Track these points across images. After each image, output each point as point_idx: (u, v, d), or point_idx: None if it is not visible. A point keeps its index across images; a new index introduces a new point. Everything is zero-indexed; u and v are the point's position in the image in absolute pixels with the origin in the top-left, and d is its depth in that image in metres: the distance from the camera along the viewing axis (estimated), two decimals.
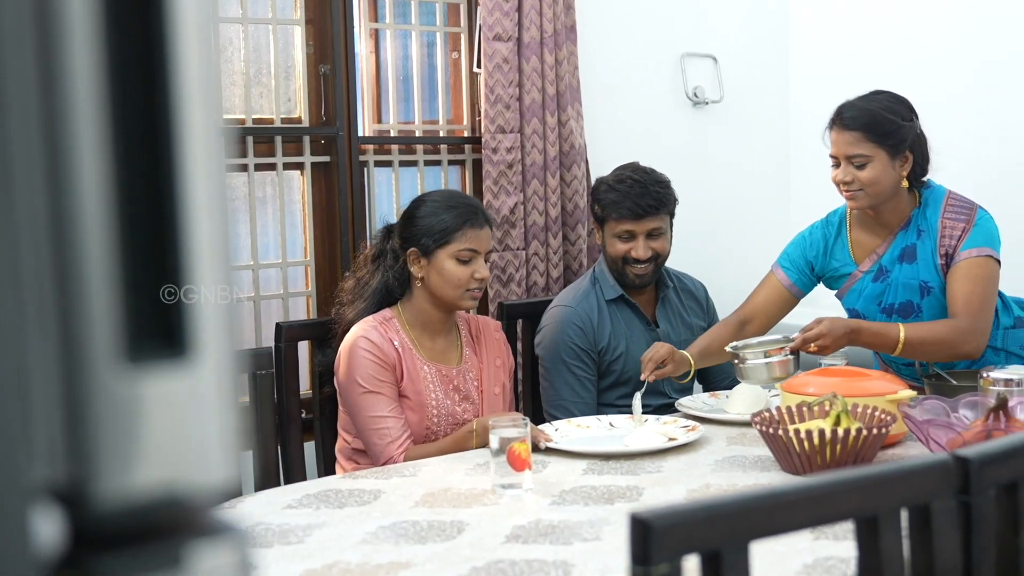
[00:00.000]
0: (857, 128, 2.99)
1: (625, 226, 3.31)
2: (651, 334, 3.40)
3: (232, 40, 3.62)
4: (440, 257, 2.89)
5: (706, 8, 4.56)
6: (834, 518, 1.34)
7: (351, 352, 2.85)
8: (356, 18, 3.83)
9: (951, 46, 4.17)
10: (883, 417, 2.44)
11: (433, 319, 2.97)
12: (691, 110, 4.55)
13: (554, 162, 3.97)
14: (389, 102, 4.01)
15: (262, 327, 3.66)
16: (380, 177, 3.94)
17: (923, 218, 3.07)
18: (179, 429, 0.53)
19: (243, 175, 3.64)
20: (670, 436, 2.71)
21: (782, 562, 1.83)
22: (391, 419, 2.81)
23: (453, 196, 3.02)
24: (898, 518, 1.38)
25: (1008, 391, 2.62)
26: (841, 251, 3.21)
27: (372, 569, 1.88)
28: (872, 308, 3.13)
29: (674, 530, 1.17)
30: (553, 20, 3.93)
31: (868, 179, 2.99)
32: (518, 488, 2.33)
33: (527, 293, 3.96)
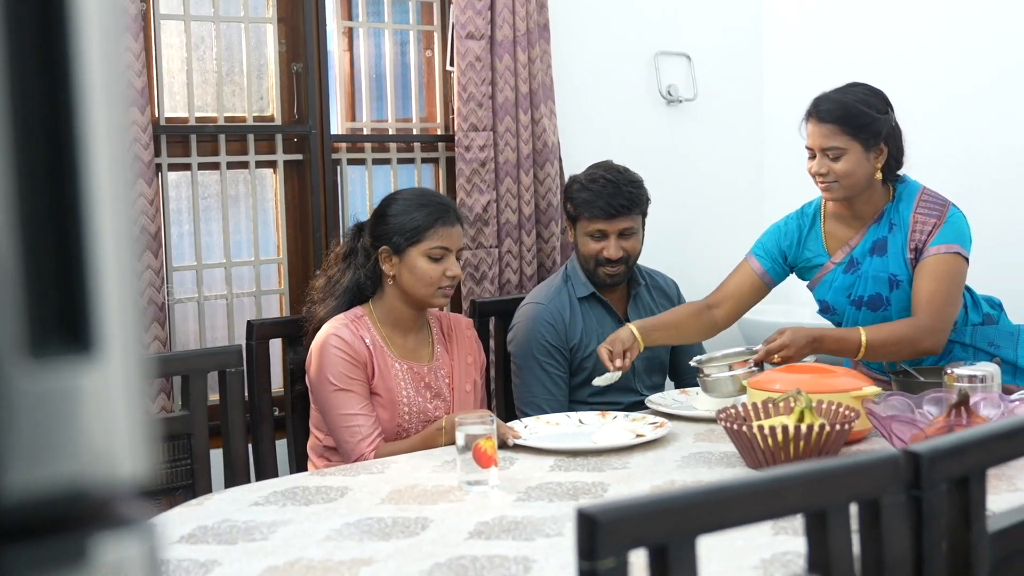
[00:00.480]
0: (832, 121, 3.01)
1: (597, 225, 3.32)
2: None
3: (204, 38, 3.63)
4: (412, 255, 2.90)
5: (680, 7, 4.58)
6: (782, 512, 1.35)
7: (322, 350, 2.86)
8: (329, 16, 3.83)
9: (925, 43, 4.19)
10: (847, 413, 2.46)
11: (404, 317, 2.98)
12: (665, 108, 4.56)
13: (527, 160, 3.98)
14: (362, 100, 4.02)
15: (235, 325, 3.66)
16: (353, 175, 3.95)
17: (896, 212, 3.09)
18: (85, 423, 0.53)
19: (215, 173, 3.65)
20: (638, 433, 2.72)
21: (740, 556, 1.84)
22: (362, 416, 2.82)
23: (424, 194, 3.03)
24: (847, 513, 1.39)
25: (972, 387, 2.65)
26: (815, 242, 3.23)
27: (334, 566, 1.88)
28: (842, 300, 3.15)
29: (620, 525, 1.19)
30: (526, 19, 3.94)
31: (843, 171, 3.01)
32: (484, 485, 2.34)
33: (500, 291, 3.97)
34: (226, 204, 3.65)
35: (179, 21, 3.56)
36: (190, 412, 2.78)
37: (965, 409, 2.38)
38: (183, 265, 3.61)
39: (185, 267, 3.61)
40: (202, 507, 2.28)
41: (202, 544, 2.03)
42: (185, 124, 3.58)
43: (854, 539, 1.43)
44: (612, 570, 1.18)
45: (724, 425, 2.45)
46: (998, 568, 1.64)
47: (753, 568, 1.80)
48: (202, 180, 3.64)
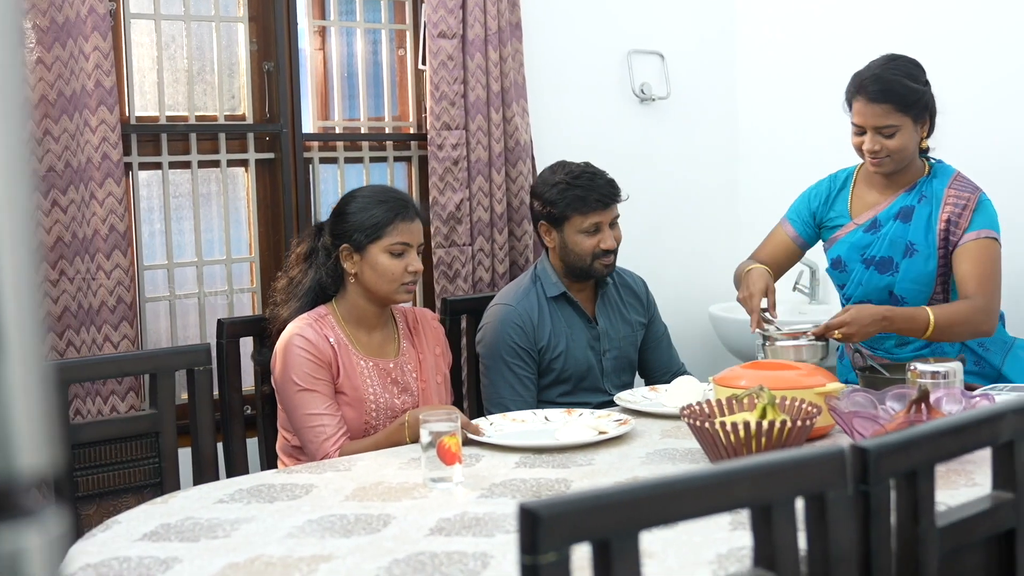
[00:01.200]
0: (886, 101, 3.07)
1: (594, 219, 3.35)
2: (591, 331, 3.44)
3: (175, 37, 3.63)
4: (372, 252, 2.91)
5: (652, 5, 4.60)
6: (727, 507, 1.37)
7: (286, 350, 2.87)
8: (301, 15, 3.84)
9: (896, 41, 4.21)
10: (809, 409, 2.47)
11: (368, 314, 2.99)
12: (638, 107, 4.58)
13: (499, 158, 4.00)
14: (335, 99, 4.03)
15: (207, 324, 3.67)
16: (326, 174, 3.96)
17: (928, 186, 3.18)
18: None
19: (186, 172, 3.65)
20: (600, 430, 2.73)
21: (697, 552, 1.86)
22: (326, 416, 2.84)
23: (383, 191, 3.03)
24: (792, 507, 1.41)
25: (935, 384, 2.67)
26: (841, 204, 3.31)
27: (294, 562, 1.89)
28: (854, 257, 3.23)
29: (561, 519, 1.20)
30: (497, 17, 3.95)
31: (896, 147, 3.09)
32: (448, 482, 2.35)
33: (473, 288, 3.99)
34: (197, 203, 3.66)
35: (149, 20, 3.57)
36: (158, 411, 2.79)
37: (925, 405, 2.40)
38: (154, 264, 3.61)
39: (156, 266, 3.62)
40: (166, 505, 2.29)
41: (164, 541, 2.04)
42: (156, 123, 3.58)
43: (801, 534, 1.45)
44: (553, 564, 1.20)
45: (687, 421, 2.46)
46: (946, 562, 1.66)
47: (708, 563, 1.81)
48: (173, 179, 3.65)
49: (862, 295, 3.24)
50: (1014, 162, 3.83)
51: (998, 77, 3.92)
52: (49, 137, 3.23)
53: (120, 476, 2.76)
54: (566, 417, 2.90)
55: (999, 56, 3.91)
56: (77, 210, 3.27)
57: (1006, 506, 1.75)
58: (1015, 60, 3.87)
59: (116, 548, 2.00)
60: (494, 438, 2.69)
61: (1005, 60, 3.90)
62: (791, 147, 4.70)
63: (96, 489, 2.73)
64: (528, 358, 3.35)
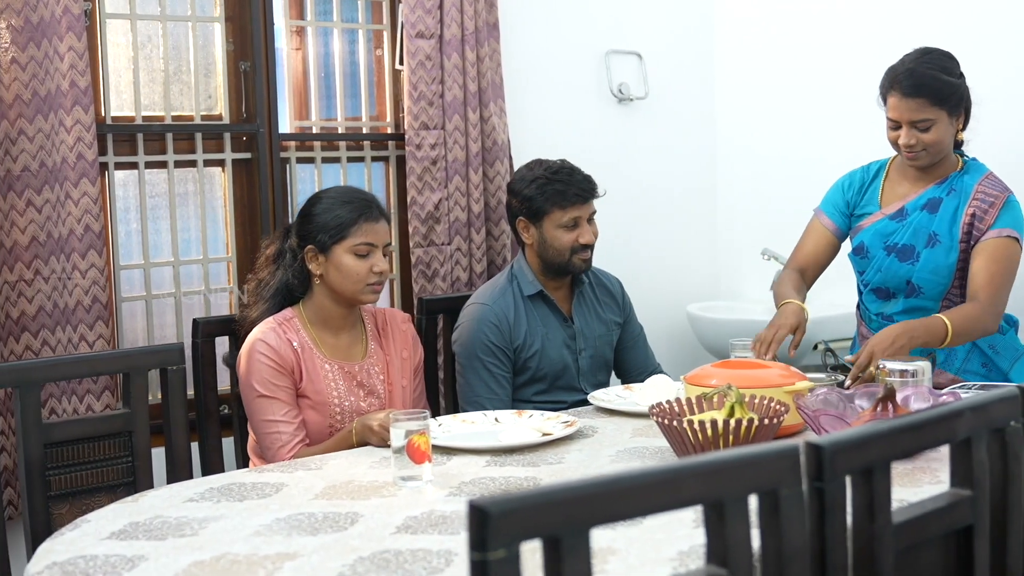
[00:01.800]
0: (921, 96, 3.07)
1: (574, 213, 3.38)
2: (567, 330, 3.45)
3: (151, 37, 3.64)
4: (337, 253, 2.92)
5: (630, 6, 4.61)
6: (679, 504, 1.38)
7: (249, 355, 2.88)
8: (278, 16, 3.84)
9: (874, 44, 4.23)
10: (777, 408, 2.49)
11: (334, 316, 2.99)
12: (616, 107, 4.59)
13: (477, 158, 4.01)
14: (312, 99, 4.04)
15: (183, 323, 3.67)
16: (303, 174, 3.97)
17: (959, 180, 3.20)
18: None
19: (163, 172, 3.66)
20: (545, 431, 2.74)
21: (659, 549, 1.87)
22: (283, 423, 2.85)
23: (348, 192, 3.04)
24: (745, 504, 1.42)
25: (903, 382, 2.69)
26: (872, 193, 3.34)
27: (259, 560, 1.90)
28: (877, 244, 3.26)
29: (511, 516, 1.21)
30: (475, 17, 3.96)
31: (931, 140, 3.11)
32: (418, 480, 2.36)
33: (451, 288, 4.00)
34: (174, 203, 3.67)
35: (125, 20, 3.57)
36: (131, 410, 2.79)
37: (892, 403, 2.42)
38: (131, 264, 3.62)
39: (133, 266, 3.62)
40: (136, 503, 2.29)
41: (131, 540, 2.04)
42: (132, 123, 3.59)
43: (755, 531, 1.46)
44: (503, 560, 1.21)
45: (656, 420, 2.48)
46: (903, 558, 1.67)
47: (670, 560, 1.83)
48: (150, 179, 3.65)
49: (880, 282, 3.26)
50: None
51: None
52: (24, 137, 3.23)
53: (93, 475, 2.77)
54: (516, 419, 2.91)
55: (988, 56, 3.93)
56: (52, 210, 3.27)
57: (964, 503, 1.77)
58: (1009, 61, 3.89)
59: (83, 547, 2.01)
60: (440, 439, 2.70)
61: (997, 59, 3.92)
62: (769, 147, 4.72)
63: (68, 488, 2.74)
64: (504, 357, 3.37)
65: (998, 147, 3.57)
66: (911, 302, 3.22)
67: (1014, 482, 1.84)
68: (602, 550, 1.87)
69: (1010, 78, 3.78)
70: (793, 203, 4.56)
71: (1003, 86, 3.75)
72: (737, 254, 4.87)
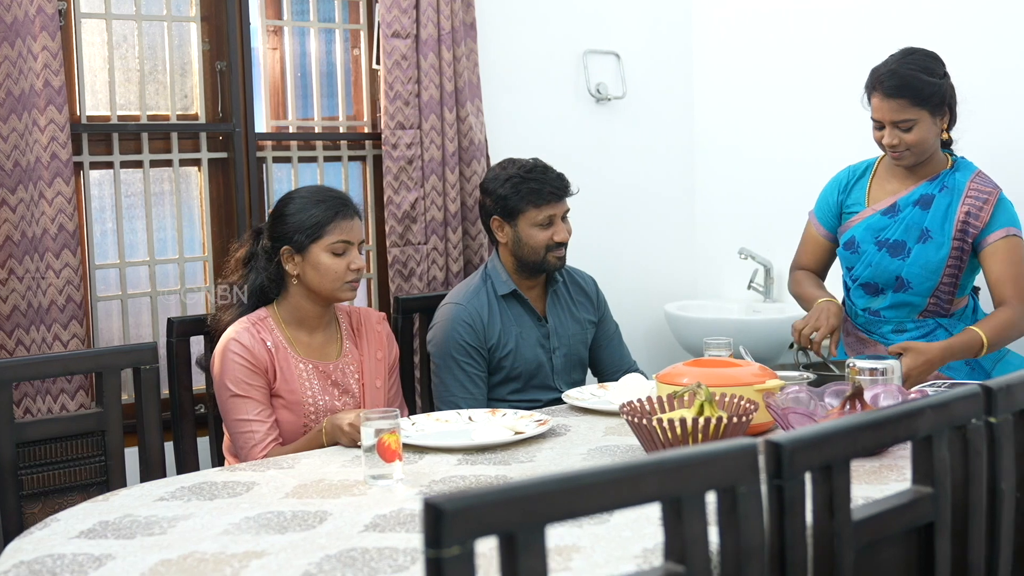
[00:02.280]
0: (901, 96, 3.11)
1: (548, 211, 3.40)
2: (540, 329, 3.47)
3: (126, 37, 3.64)
4: (314, 252, 2.92)
5: (608, 5, 4.62)
6: (637, 501, 1.39)
7: (223, 355, 2.89)
8: (254, 15, 3.84)
9: (853, 43, 4.25)
10: (746, 406, 2.50)
11: (310, 315, 2.99)
12: (594, 106, 4.61)
13: (453, 157, 4.01)
14: (289, 98, 4.04)
15: (159, 322, 3.67)
16: (280, 173, 3.97)
17: (951, 177, 3.23)
18: None
19: (139, 171, 3.66)
20: (517, 430, 2.75)
21: (625, 546, 1.88)
22: (256, 423, 2.86)
23: (321, 190, 3.04)
24: (702, 501, 1.43)
25: (873, 380, 2.71)
26: (859, 192, 3.36)
27: (226, 559, 1.91)
28: (868, 238, 3.28)
29: (465, 513, 1.22)
30: (451, 17, 3.97)
31: (914, 140, 3.14)
32: (388, 479, 2.36)
33: (428, 287, 4.00)
34: (149, 202, 3.67)
35: (101, 20, 3.57)
36: (104, 409, 2.79)
37: (859, 401, 2.43)
38: (106, 263, 3.62)
39: (108, 265, 3.62)
40: (107, 502, 2.30)
41: (100, 539, 2.05)
42: (107, 123, 3.59)
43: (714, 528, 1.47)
44: (457, 558, 1.22)
45: (627, 418, 2.49)
46: (864, 555, 1.68)
47: (634, 557, 1.84)
48: (125, 178, 3.65)
49: (869, 277, 3.29)
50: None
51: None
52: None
53: (66, 474, 2.77)
54: (490, 417, 2.92)
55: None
56: (26, 209, 3.27)
57: (925, 500, 1.78)
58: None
59: (52, 545, 2.01)
60: (413, 438, 2.70)
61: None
62: (747, 147, 4.73)
63: (41, 487, 2.74)
64: (478, 356, 3.38)
65: (986, 146, 3.58)
66: (899, 297, 3.24)
67: (975, 479, 1.86)
68: (567, 547, 1.88)
69: (996, 76, 3.79)
70: (771, 203, 4.59)
71: (988, 85, 3.76)
72: (715, 253, 4.89)
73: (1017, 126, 3.79)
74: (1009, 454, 1.92)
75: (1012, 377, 1.96)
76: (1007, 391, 1.92)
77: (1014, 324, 3.09)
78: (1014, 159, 3.73)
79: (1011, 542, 1.94)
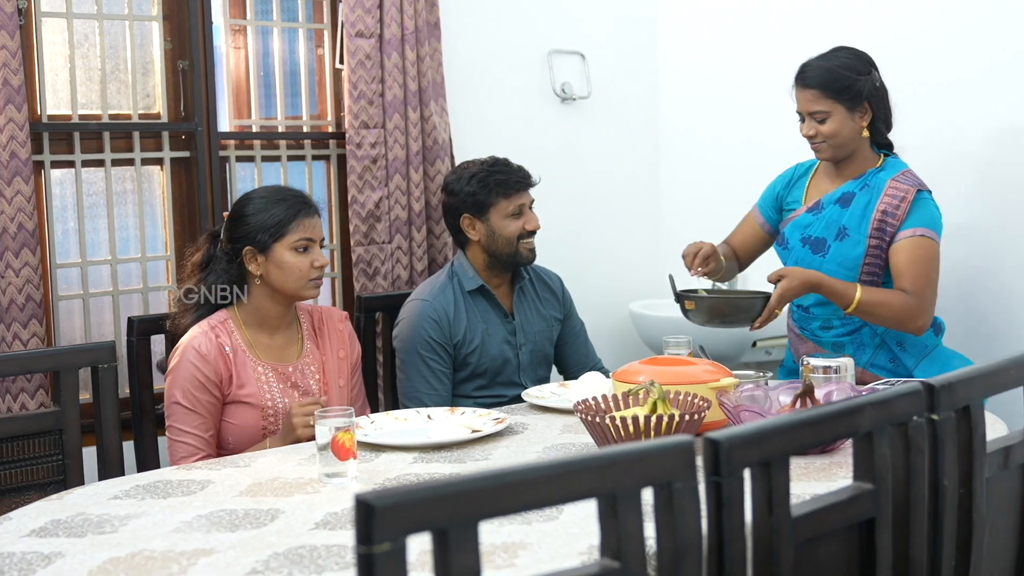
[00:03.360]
0: (815, 86, 3.19)
1: (519, 201, 3.47)
2: (507, 325, 3.49)
3: (88, 36, 3.64)
4: (277, 251, 2.93)
5: (573, 5, 4.64)
6: (571, 498, 1.40)
7: (180, 359, 2.89)
8: (216, 14, 3.84)
9: (816, 43, 4.26)
10: (699, 404, 2.52)
11: (272, 315, 3.00)
12: (559, 106, 4.62)
13: (417, 157, 4.02)
14: (252, 98, 4.04)
15: (121, 321, 3.67)
16: (243, 173, 3.97)
17: (875, 176, 3.27)
18: None
19: (100, 171, 3.66)
20: (474, 428, 2.77)
21: (571, 543, 1.90)
22: (191, 435, 2.86)
23: (279, 190, 3.05)
24: (638, 498, 1.45)
25: (827, 378, 2.73)
26: (798, 190, 3.43)
27: (174, 556, 1.92)
28: (796, 235, 3.35)
29: (396, 510, 1.23)
30: (415, 17, 3.98)
31: (829, 132, 3.20)
32: (342, 477, 2.37)
33: (392, 286, 4.01)
34: (111, 201, 3.66)
35: (61, 19, 3.57)
36: (61, 408, 2.79)
37: (810, 399, 2.46)
38: (67, 262, 3.62)
39: (70, 264, 3.62)
40: (61, 501, 2.30)
41: (51, 537, 2.05)
42: (68, 122, 3.58)
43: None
44: (388, 554, 1.23)
45: (580, 416, 2.50)
46: (803, 550, 1.70)
47: (580, 554, 1.85)
48: (87, 177, 3.65)
49: None
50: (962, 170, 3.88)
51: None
52: None
53: (23, 473, 2.77)
54: (448, 416, 2.93)
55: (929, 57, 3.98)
56: None
57: (865, 496, 1.80)
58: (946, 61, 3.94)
59: (1, 544, 2.02)
60: (371, 436, 2.72)
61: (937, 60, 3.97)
62: (712, 147, 4.75)
63: None
64: (443, 352, 3.39)
65: (923, 147, 3.62)
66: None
67: (917, 476, 1.88)
68: (514, 544, 1.90)
69: (934, 78, 3.82)
70: (735, 203, 4.58)
71: (927, 85, 3.80)
72: (680, 252, 4.89)
73: (954, 127, 3.82)
74: (951, 451, 1.94)
75: (955, 375, 1.98)
76: (949, 388, 1.94)
77: (894, 306, 3.12)
78: (952, 159, 3.78)
79: (954, 538, 1.97)
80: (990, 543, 2.11)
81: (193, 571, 1.85)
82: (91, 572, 1.86)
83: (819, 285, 3.10)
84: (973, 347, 3.57)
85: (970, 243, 3.73)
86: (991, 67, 3.72)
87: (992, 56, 3.71)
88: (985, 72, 3.73)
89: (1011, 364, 2.13)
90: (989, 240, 3.72)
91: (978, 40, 3.75)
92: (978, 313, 3.74)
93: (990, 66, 3.72)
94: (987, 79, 3.73)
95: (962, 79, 3.79)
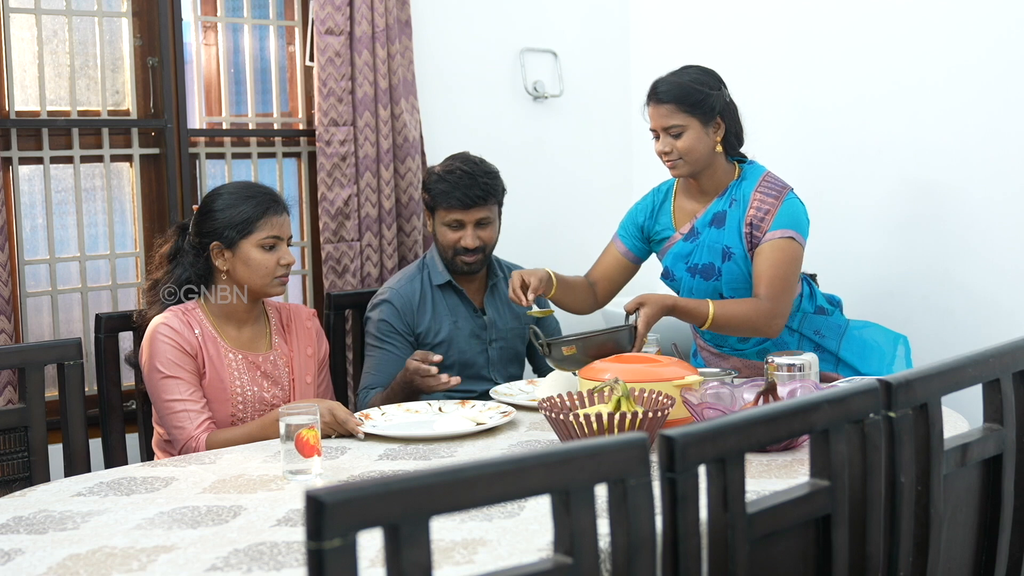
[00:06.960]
0: (670, 101, 3.18)
1: (455, 215, 3.41)
2: (477, 320, 3.49)
3: (57, 32, 3.62)
4: (244, 247, 2.93)
5: (545, 3, 4.64)
6: (524, 494, 1.41)
7: (152, 339, 2.88)
8: (186, 11, 3.84)
9: (785, 40, 4.29)
10: (663, 401, 2.54)
11: (239, 310, 3.00)
12: (531, 104, 4.62)
13: (387, 154, 4.02)
14: (223, 95, 4.03)
15: (89, 318, 3.66)
16: (213, 170, 3.96)
17: (738, 189, 3.25)
18: None
19: (69, 167, 3.65)
20: (478, 421, 2.79)
21: (531, 539, 1.91)
22: (190, 402, 2.85)
23: (249, 187, 3.04)
24: (591, 494, 1.45)
25: (791, 376, 2.75)
26: (665, 216, 3.39)
27: (135, 553, 1.92)
28: (680, 266, 3.32)
29: (346, 506, 1.24)
30: (385, 15, 3.98)
31: (684, 147, 3.17)
32: (307, 474, 2.38)
33: (362, 283, 4.01)
34: (80, 198, 3.66)
35: (30, 15, 3.56)
36: (27, 405, 2.79)
37: (773, 396, 2.47)
38: (36, 259, 3.60)
39: (38, 260, 3.61)
40: (24, 498, 2.30)
41: (12, 534, 2.05)
42: (37, 118, 3.57)
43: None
44: (338, 549, 1.23)
45: (545, 414, 2.51)
46: (759, 547, 1.71)
47: (539, 550, 1.86)
48: (56, 174, 3.64)
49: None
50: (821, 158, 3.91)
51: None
52: None
53: None
54: (459, 408, 2.95)
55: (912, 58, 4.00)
56: None
57: (821, 493, 1.81)
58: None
59: None
60: (378, 428, 2.74)
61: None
62: None
63: None
64: (400, 340, 3.40)
65: (781, 148, 3.64)
66: None
67: (874, 472, 1.89)
68: (474, 541, 1.91)
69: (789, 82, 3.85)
70: None
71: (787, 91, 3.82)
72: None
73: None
74: (908, 448, 1.96)
75: (912, 372, 2.00)
76: (907, 386, 1.96)
77: (747, 317, 3.10)
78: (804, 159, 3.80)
79: (911, 535, 1.98)
80: (949, 540, 2.13)
81: (153, 567, 1.85)
82: (51, 569, 1.86)
83: (674, 308, 3.07)
84: (939, 345, 3.60)
85: (936, 237, 3.75)
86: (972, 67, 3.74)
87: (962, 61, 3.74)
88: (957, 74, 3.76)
89: (969, 362, 2.14)
90: (952, 235, 3.74)
91: (966, 40, 3.78)
92: (942, 309, 3.76)
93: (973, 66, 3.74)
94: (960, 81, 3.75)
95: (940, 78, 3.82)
